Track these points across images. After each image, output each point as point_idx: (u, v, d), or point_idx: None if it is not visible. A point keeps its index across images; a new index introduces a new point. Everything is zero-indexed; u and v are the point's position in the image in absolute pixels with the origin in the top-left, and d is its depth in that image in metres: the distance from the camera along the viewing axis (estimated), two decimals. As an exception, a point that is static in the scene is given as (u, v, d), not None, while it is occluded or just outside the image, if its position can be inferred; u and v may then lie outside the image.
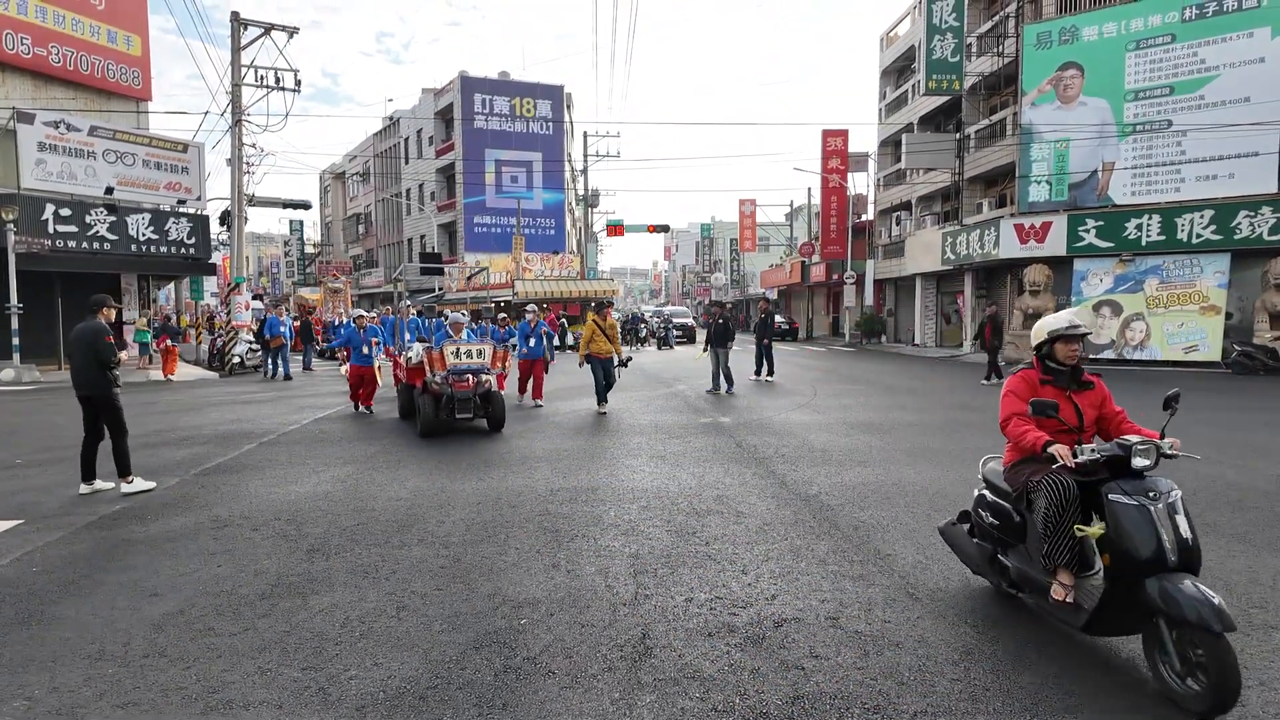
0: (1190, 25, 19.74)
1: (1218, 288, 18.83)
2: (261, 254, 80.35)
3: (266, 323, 18.50)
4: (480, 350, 9.47)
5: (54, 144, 19.81)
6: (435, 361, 9.15)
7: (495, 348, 9.75)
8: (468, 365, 9.25)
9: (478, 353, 9.42)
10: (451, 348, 9.27)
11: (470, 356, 9.32)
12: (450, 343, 9.42)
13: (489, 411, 9.42)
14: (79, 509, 6.05)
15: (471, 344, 9.55)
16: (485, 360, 9.46)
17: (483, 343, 9.70)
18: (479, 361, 9.39)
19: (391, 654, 3.49)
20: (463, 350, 9.32)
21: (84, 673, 3.34)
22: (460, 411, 9.06)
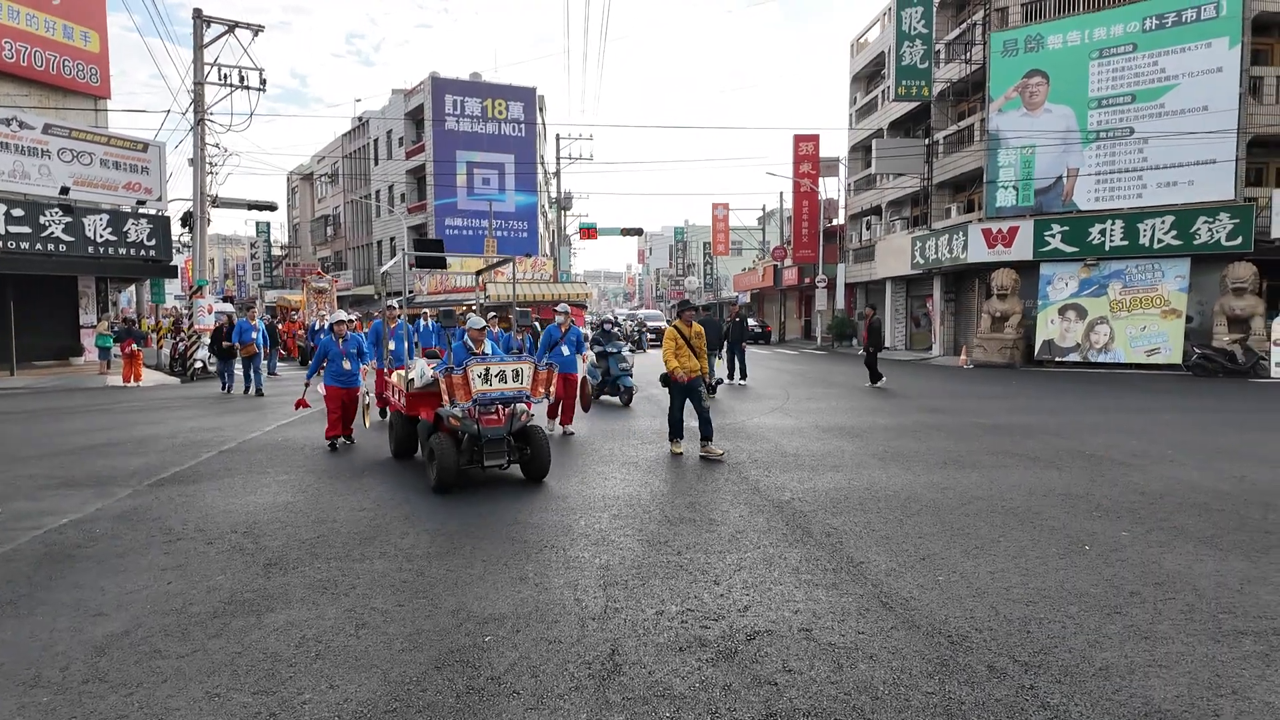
0: (1151, 35, 20.17)
1: (1178, 291, 19.24)
2: (228, 256, 78.81)
3: (236, 328, 15.26)
4: (518, 371, 6.72)
5: (6, 142, 19.19)
6: (457, 387, 6.46)
7: (538, 366, 6.92)
8: (501, 393, 6.63)
9: (514, 374, 6.69)
10: (479, 368, 6.51)
11: (504, 380, 6.63)
12: (476, 361, 6.62)
13: (527, 455, 6.92)
14: (23, 523, 5.78)
15: (506, 362, 6.76)
16: (525, 384, 6.76)
17: (520, 359, 6.89)
18: (516, 386, 6.70)
19: (349, 675, 3.34)
20: (494, 372, 6.59)
21: (17, 700, 3.15)
22: (490, 457, 6.67)
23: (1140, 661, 3.43)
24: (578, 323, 11.32)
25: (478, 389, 6.50)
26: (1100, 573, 4.55)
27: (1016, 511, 5.92)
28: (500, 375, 6.61)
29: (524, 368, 6.76)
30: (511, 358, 6.92)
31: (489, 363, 6.65)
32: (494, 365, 6.65)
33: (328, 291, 27.62)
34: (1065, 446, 8.66)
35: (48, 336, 21.43)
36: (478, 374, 6.51)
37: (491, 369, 6.60)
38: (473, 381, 6.49)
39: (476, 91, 41.29)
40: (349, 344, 9.13)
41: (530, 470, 6.97)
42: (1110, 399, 13.31)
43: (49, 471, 7.67)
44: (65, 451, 8.78)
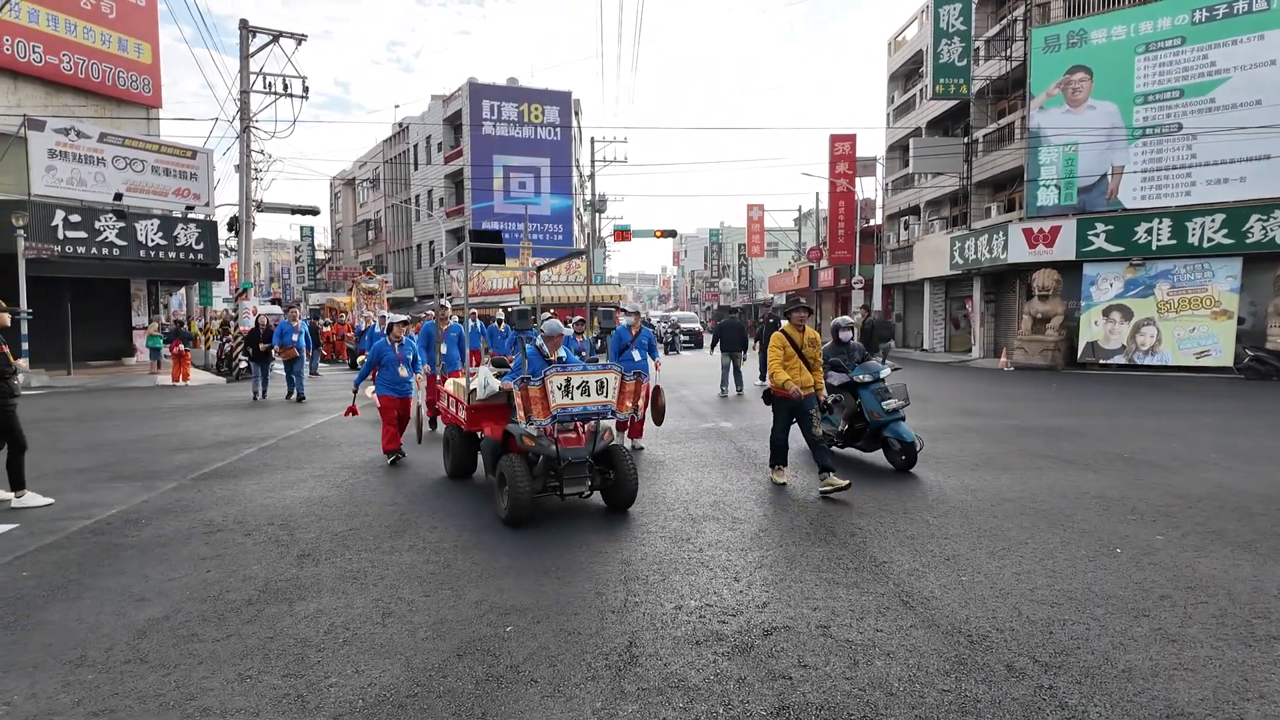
0: (1200, 28, 19.57)
1: (1229, 292, 18.60)
2: (273, 259, 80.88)
3: (276, 329, 14.21)
4: (602, 382, 5.69)
5: (64, 151, 20.00)
6: (534, 402, 5.48)
7: (624, 376, 5.86)
8: (583, 407, 5.61)
9: (597, 385, 5.66)
10: (559, 378, 5.54)
11: (587, 392, 5.61)
12: (556, 370, 5.60)
13: (610, 480, 5.88)
14: (74, 513, 6.05)
15: (590, 371, 5.71)
16: (610, 397, 5.72)
17: (605, 369, 5.77)
18: (600, 400, 5.66)
19: (373, 661, 3.45)
20: (575, 383, 5.59)
21: (63, 679, 3.32)
22: (570, 484, 5.68)
23: (1166, 664, 3.37)
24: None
25: (557, 403, 5.47)
26: (1130, 576, 4.46)
27: (1047, 514, 5.82)
28: (583, 387, 5.56)
29: (609, 378, 5.67)
30: (595, 366, 5.75)
31: (570, 372, 5.58)
32: (576, 375, 5.58)
33: (378, 292, 26.87)
34: (1103, 449, 8.46)
35: (102, 337, 22.25)
36: (558, 386, 5.50)
37: (573, 380, 5.55)
38: (552, 394, 5.46)
39: (513, 96, 41.78)
40: (405, 349, 8.19)
41: (614, 498, 5.90)
42: (1155, 402, 12.95)
43: (100, 465, 8.00)
44: (115, 447, 9.14)
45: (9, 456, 6.29)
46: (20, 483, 6.29)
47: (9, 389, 6.23)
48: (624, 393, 5.77)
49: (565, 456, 5.60)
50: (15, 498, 6.25)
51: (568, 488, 5.68)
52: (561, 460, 5.60)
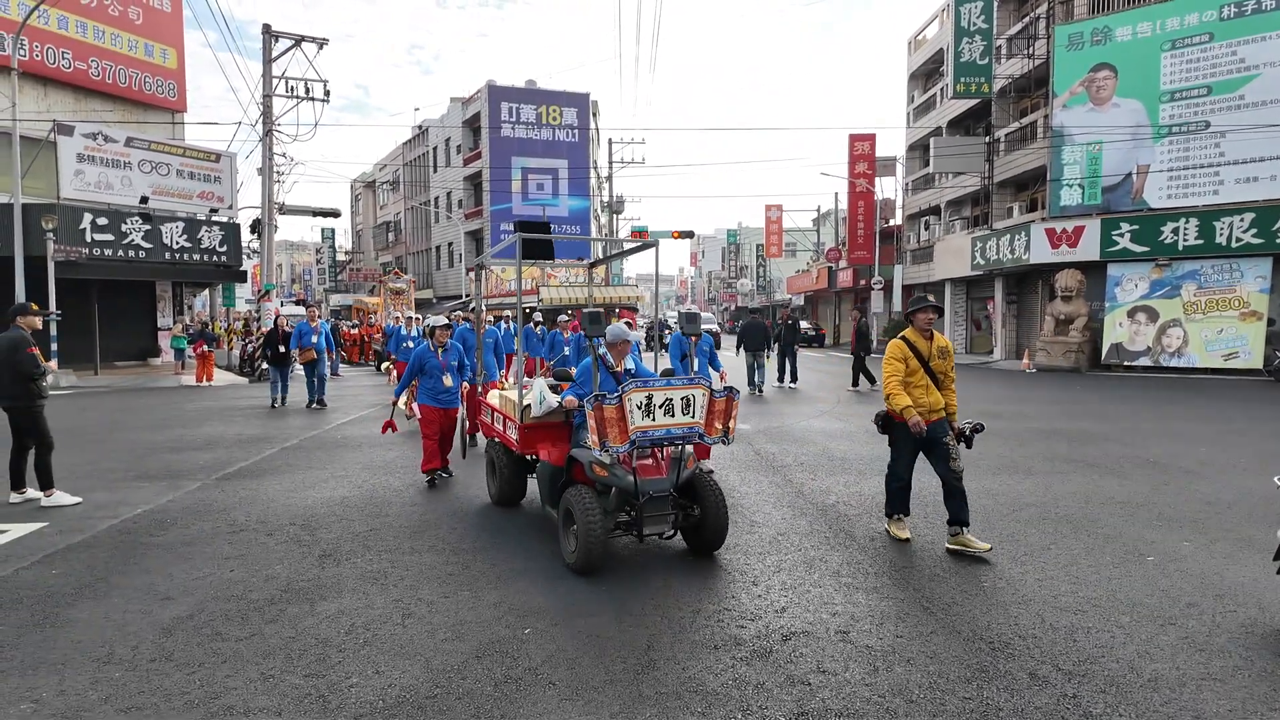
0: (1228, 24, 19.23)
1: (1259, 293, 18.27)
2: (294, 261, 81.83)
3: (295, 331, 13.45)
4: (688, 399, 4.62)
5: (92, 155, 20.38)
6: (610, 423, 4.46)
7: (713, 393, 4.76)
8: (667, 430, 4.58)
9: (683, 403, 4.61)
10: (639, 395, 4.50)
11: (672, 412, 4.58)
12: (637, 385, 4.53)
13: (695, 517, 4.90)
14: (101, 512, 6.15)
15: (675, 386, 4.63)
16: (698, 417, 4.66)
17: (692, 382, 4.68)
18: (687, 421, 4.62)
19: (394, 662, 3.47)
20: (658, 400, 4.55)
21: (91, 676, 3.37)
22: (653, 523, 4.71)
23: (1193, 674, 3.31)
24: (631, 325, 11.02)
25: (636, 426, 4.44)
26: (1156, 583, 4.40)
27: (1071, 519, 5.74)
28: (666, 406, 4.54)
29: (696, 394, 4.62)
30: (680, 380, 4.69)
31: (652, 387, 4.53)
32: (658, 391, 4.53)
33: (405, 292, 26.21)
34: (1128, 453, 8.34)
35: (128, 338, 22.63)
36: (638, 404, 4.46)
37: (655, 396, 4.51)
38: (630, 415, 4.43)
39: (531, 98, 41.95)
40: (449, 355, 7.20)
41: (699, 538, 4.90)
42: (1181, 405, 12.74)
43: (126, 465, 8.14)
44: (141, 446, 9.29)
45: (37, 456, 6.41)
46: (49, 482, 6.41)
47: (37, 390, 6.35)
48: (713, 412, 4.70)
49: (646, 489, 4.60)
50: (45, 497, 6.37)
51: (648, 527, 4.67)
52: (641, 494, 4.60)
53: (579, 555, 4.56)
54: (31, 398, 6.31)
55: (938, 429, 5.07)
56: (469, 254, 43.41)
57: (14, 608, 4.14)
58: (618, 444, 4.44)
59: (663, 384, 4.61)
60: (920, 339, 5.20)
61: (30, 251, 16.93)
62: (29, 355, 6.24)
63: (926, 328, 5.22)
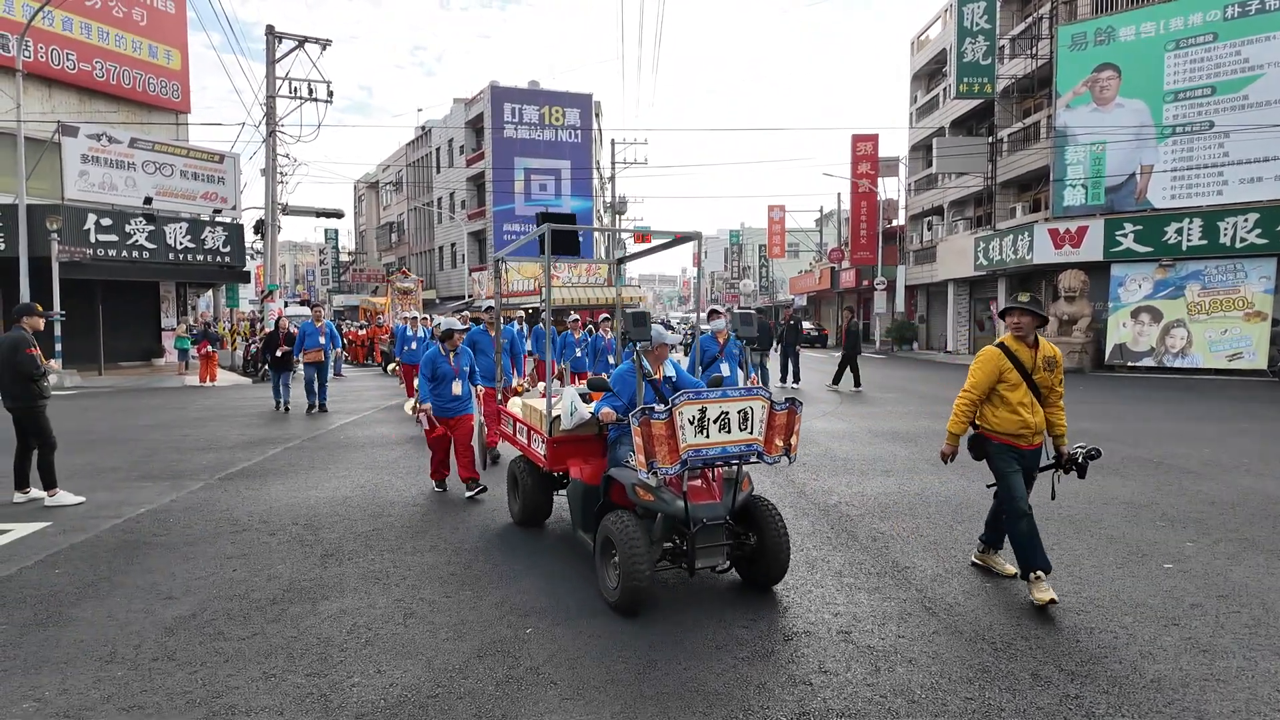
0: (1233, 24, 19.18)
1: (1263, 293, 18.21)
2: (298, 262, 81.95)
3: (299, 332, 12.59)
4: (747, 412, 4.06)
5: (96, 156, 20.43)
6: (659, 441, 3.87)
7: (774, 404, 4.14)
8: (723, 448, 4.00)
9: (741, 417, 4.04)
10: (693, 409, 3.93)
11: (728, 427, 4.00)
12: (689, 397, 3.95)
13: (751, 545, 4.31)
14: (104, 512, 6.17)
15: (731, 399, 4.03)
16: (757, 433, 4.08)
17: (750, 394, 4.11)
18: (745, 437, 4.05)
19: (395, 661, 3.48)
20: (712, 414, 3.96)
21: (94, 675, 3.38)
22: (706, 554, 4.14)
23: (1196, 675, 3.30)
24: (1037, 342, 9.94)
25: (688, 443, 3.87)
26: (1160, 583, 4.38)
27: (1074, 519, 5.73)
28: (722, 421, 3.94)
29: (755, 406, 4.02)
30: (737, 390, 4.07)
31: (706, 399, 3.93)
32: (713, 404, 3.93)
33: (413, 292, 25.67)
34: (1132, 454, 8.32)
35: (132, 339, 22.69)
36: (690, 418, 3.88)
37: (709, 410, 3.92)
38: (681, 431, 3.86)
39: (534, 99, 41.98)
40: (460, 360, 6.70)
41: (757, 570, 4.30)
42: (1185, 405, 12.70)
43: (129, 465, 8.15)
44: (144, 446, 9.31)
45: (40, 456, 6.43)
46: (52, 482, 6.43)
47: (39, 390, 6.37)
48: (773, 427, 4.06)
49: (698, 516, 4.00)
50: (48, 496, 6.39)
51: (701, 559, 4.09)
52: (693, 521, 4.00)
53: (622, 593, 3.93)
54: (33, 398, 6.33)
55: (1031, 458, 4.30)
56: (472, 255, 43.44)
57: (17, 607, 4.15)
58: (667, 464, 3.83)
59: (718, 395, 3.98)
60: (1021, 347, 4.29)
61: (35, 252, 16.98)
62: (28, 356, 6.26)
63: (1025, 334, 4.29)
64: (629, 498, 4.19)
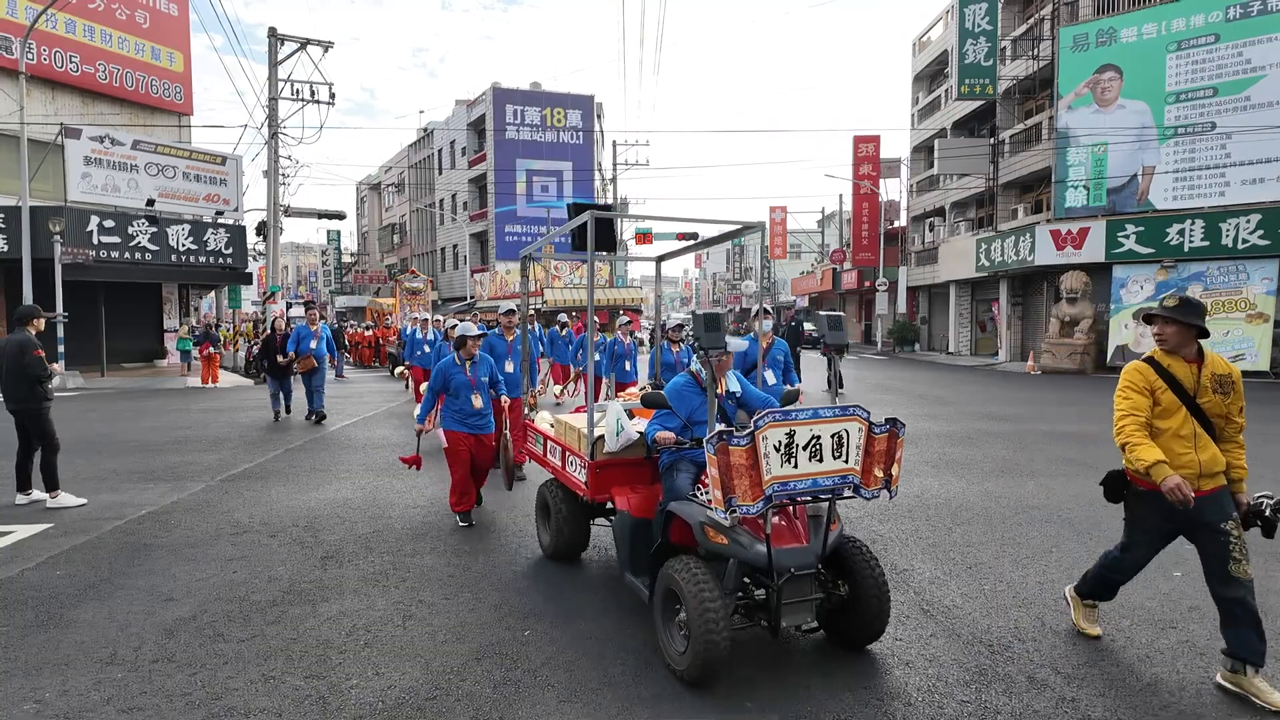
0: (1234, 25, 19.16)
1: (1265, 295, 18.19)
2: (300, 263, 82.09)
3: (292, 336, 11.85)
4: (841, 437, 3.27)
5: (99, 158, 20.49)
6: (739, 471, 3.12)
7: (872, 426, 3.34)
8: (814, 480, 3.24)
9: (835, 443, 3.26)
10: (779, 432, 3.16)
11: (819, 454, 3.24)
12: (776, 419, 3.17)
13: (841, 595, 3.56)
14: (106, 513, 6.19)
15: (823, 419, 3.23)
16: (854, 462, 3.31)
17: (845, 414, 3.27)
18: (839, 467, 3.28)
19: (394, 663, 3.49)
20: (801, 438, 3.20)
21: (94, 676, 3.40)
22: (793, 611, 3.37)
23: (1193, 678, 3.30)
24: (634, 327, 9.64)
25: (774, 475, 3.13)
26: (1158, 587, 4.39)
27: (1073, 522, 5.73)
28: (813, 447, 3.20)
29: (851, 429, 3.25)
30: (832, 410, 3.25)
31: (794, 421, 3.17)
32: (802, 425, 3.18)
33: (422, 292, 24.67)
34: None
35: (135, 340, 22.74)
36: (775, 444, 3.14)
37: (798, 434, 3.17)
38: (765, 459, 3.12)
39: (536, 101, 42.04)
40: (479, 369, 5.94)
41: (852, 627, 3.54)
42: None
43: (131, 466, 8.18)
44: (146, 448, 9.33)
45: (43, 457, 6.45)
46: (55, 483, 6.45)
47: (43, 392, 6.39)
48: (870, 453, 3.30)
49: (784, 564, 3.24)
50: (50, 498, 6.42)
51: (787, 616, 3.31)
52: (778, 570, 3.24)
53: (693, 660, 3.17)
54: (38, 400, 6.36)
55: (1212, 507, 3.26)
56: (474, 256, 43.49)
57: (19, 608, 4.17)
58: (748, 501, 3.08)
59: (808, 416, 3.19)
60: (1177, 362, 3.35)
61: (38, 254, 17.03)
62: (35, 358, 6.29)
63: (1179, 347, 3.35)
64: (698, 539, 3.43)
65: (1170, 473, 3.14)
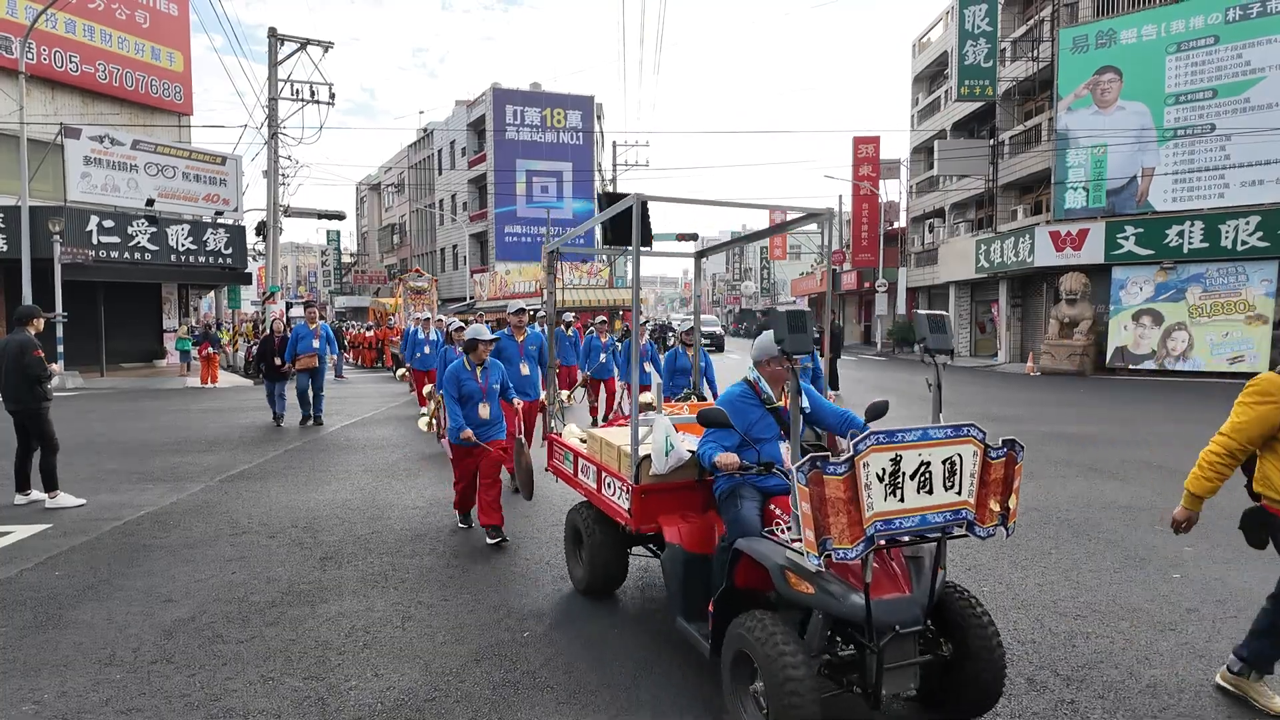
0: (1234, 26, 19.18)
1: (1265, 296, 18.20)
2: (300, 263, 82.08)
3: (290, 338, 11.42)
4: (954, 461, 2.65)
5: (99, 158, 20.49)
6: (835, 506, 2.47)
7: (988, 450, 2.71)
8: (923, 517, 2.61)
9: (947, 470, 2.64)
10: (883, 458, 2.53)
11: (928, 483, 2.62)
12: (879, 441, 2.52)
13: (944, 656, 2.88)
14: (104, 514, 6.19)
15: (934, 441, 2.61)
16: (968, 494, 2.68)
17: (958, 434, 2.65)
18: (952, 501, 2.65)
19: (393, 665, 3.49)
20: (910, 464, 2.58)
21: (93, 678, 3.40)
22: (896, 677, 2.72)
23: (1192, 680, 3.30)
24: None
25: (877, 511, 2.57)
26: (1157, 588, 4.39)
27: (1072, 523, 5.73)
28: (922, 475, 2.64)
29: (965, 453, 2.70)
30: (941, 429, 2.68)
31: (899, 443, 2.60)
32: (908, 448, 2.61)
33: (427, 292, 24.01)
34: (1132, 457, 8.32)
35: (134, 340, 22.73)
36: (879, 472, 2.57)
37: (904, 459, 2.60)
38: (867, 491, 2.56)
39: (536, 101, 42.05)
40: (491, 375, 5.54)
41: (960, 694, 2.91)
42: (1186, 409, 12.70)
43: (130, 467, 8.17)
44: (145, 448, 9.33)
45: (42, 458, 6.45)
46: (54, 484, 6.45)
47: (43, 392, 6.39)
48: (986, 482, 2.72)
49: (887, 620, 2.69)
50: (49, 498, 6.41)
51: (889, 683, 2.73)
52: (879, 629, 2.68)
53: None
54: (38, 400, 6.35)
55: None
56: (474, 256, 43.49)
57: (17, 609, 4.17)
58: (845, 544, 2.48)
59: (916, 437, 2.58)
60: None
61: (37, 254, 17.02)
62: (36, 359, 6.29)
63: None
64: (775, 585, 2.79)
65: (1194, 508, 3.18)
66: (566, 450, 4.69)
